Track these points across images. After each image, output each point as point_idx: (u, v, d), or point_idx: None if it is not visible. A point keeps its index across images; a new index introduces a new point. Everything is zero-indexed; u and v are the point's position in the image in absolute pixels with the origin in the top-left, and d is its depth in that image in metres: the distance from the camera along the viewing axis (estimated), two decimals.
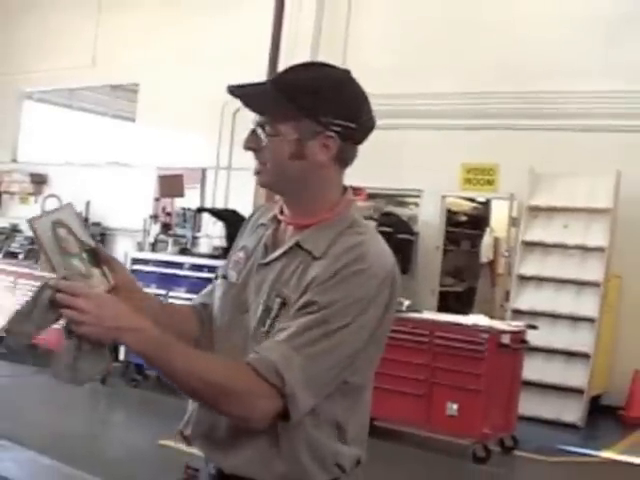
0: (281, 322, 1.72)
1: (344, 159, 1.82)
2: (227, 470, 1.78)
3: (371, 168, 10.06)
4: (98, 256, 1.72)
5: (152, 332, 1.63)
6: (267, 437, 1.72)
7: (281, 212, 1.89)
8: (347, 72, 1.83)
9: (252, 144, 1.80)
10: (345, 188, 1.87)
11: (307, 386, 1.65)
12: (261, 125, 1.78)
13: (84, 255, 1.68)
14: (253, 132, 1.80)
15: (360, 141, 1.83)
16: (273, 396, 1.63)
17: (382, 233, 7.75)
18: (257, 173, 1.83)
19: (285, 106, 1.73)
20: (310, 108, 1.74)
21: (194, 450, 1.90)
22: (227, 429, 1.77)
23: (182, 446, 1.92)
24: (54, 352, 1.64)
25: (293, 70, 1.81)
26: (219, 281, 1.96)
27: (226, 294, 1.91)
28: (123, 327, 1.60)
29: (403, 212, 10.84)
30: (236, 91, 1.76)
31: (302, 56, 10.01)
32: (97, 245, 1.73)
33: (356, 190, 1.91)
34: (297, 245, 1.78)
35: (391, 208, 10.87)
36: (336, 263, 1.69)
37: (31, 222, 1.62)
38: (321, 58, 10.58)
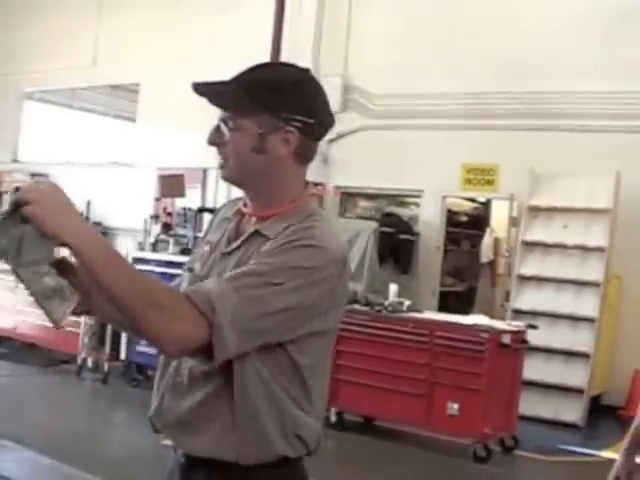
0: None
1: (304, 154, 1.88)
2: (193, 453, 1.81)
3: (372, 168, 10.16)
4: (64, 266, 1.71)
5: (104, 244, 1.63)
6: (227, 415, 1.75)
7: (245, 206, 1.95)
8: (307, 71, 1.90)
9: (216, 139, 1.88)
10: (307, 183, 1.93)
11: (235, 325, 1.65)
12: (224, 120, 1.85)
13: (51, 269, 1.66)
14: (217, 128, 1.87)
15: (319, 137, 1.90)
16: (198, 323, 1.63)
17: (383, 233, 7.79)
18: (220, 167, 1.90)
19: (247, 102, 1.80)
20: (271, 104, 1.81)
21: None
22: (192, 413, 1.80)
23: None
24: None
25: (255, 69, 1.87)
26: (185, 274, 2.03)
27: (191, 284, 1.94)
28: (66, 213, 1.57)
29: (404, 212, 10.83)
30: (201, 89, 1.82)
31: (303, 56, 10.02)
32: (63, 257, 1.73)
33: (317, 185, 1.97)
34: (256, 232, 1.85)
35: (392, 208, 10.88)
36: (286, 238, 1.75)
37: None
38: (322, 59, 10.61)
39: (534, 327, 7.26)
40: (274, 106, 1.80)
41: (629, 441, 2.78)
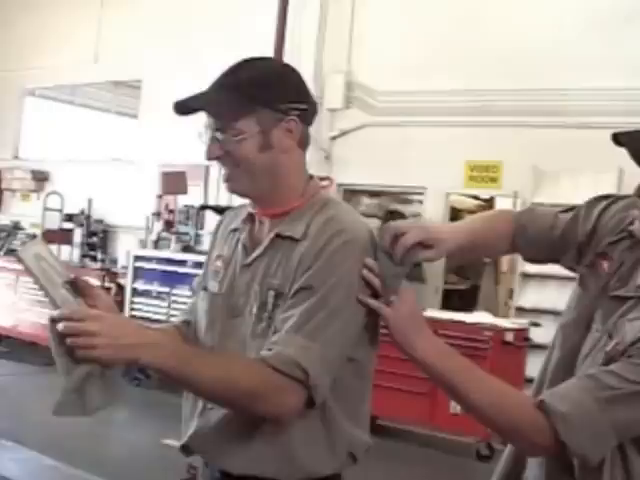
0: (280, 312, 1.72)
1: (305, 142, 1.86)
2: (231, 471, 1.77)
3: (375, 166, 10.11)
4: (77, 287, 1.71)
5: (170, 346, 1.64)
6: (269, 431, 1.72)
7: (254, 209, 1.92)
8: (286, 64, 1.94)
9: (216, 152, 1.82)
10: (311, 177, 1.90)
11: (327, 371, 1.68)
12: (220, 130, 1.79)
13: (67, 286, 1.69)
14: (214, 140, 1.81)
15: (311, 122, 1.88)
16: (298, 389, 1.65)
17: None
18: (227, 180, 1.85)
19: (240, 103, 1.76)
20: (265, 98, 1.77)
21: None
22: (231, 432, 1.75)
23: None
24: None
25: (234, 71, 1.83)
26: (201, 294, 1.95)
27: (213, 305, 1.89)
28: (140, 343, 1.59)
29: (407, 209, 10.81)
30: (183, 107, 1.78)
31: (306, 54, 9.97)
32: (75, 276, 1.74)
33: (323, 180, 1.95)
34: (277, 236, 1.80)
35: (395, 206, 10.84)
36: (317, 242, 1.72)
37: (20, 255, 1.63)
38: (326, 56, 10.57)
39: (537, 325, 7.24)
40: (269, 99, 1.77)
41: None
